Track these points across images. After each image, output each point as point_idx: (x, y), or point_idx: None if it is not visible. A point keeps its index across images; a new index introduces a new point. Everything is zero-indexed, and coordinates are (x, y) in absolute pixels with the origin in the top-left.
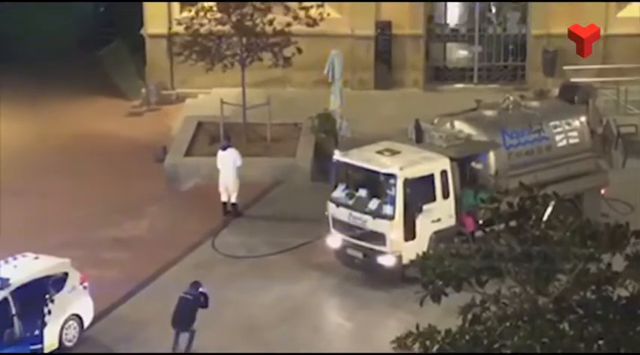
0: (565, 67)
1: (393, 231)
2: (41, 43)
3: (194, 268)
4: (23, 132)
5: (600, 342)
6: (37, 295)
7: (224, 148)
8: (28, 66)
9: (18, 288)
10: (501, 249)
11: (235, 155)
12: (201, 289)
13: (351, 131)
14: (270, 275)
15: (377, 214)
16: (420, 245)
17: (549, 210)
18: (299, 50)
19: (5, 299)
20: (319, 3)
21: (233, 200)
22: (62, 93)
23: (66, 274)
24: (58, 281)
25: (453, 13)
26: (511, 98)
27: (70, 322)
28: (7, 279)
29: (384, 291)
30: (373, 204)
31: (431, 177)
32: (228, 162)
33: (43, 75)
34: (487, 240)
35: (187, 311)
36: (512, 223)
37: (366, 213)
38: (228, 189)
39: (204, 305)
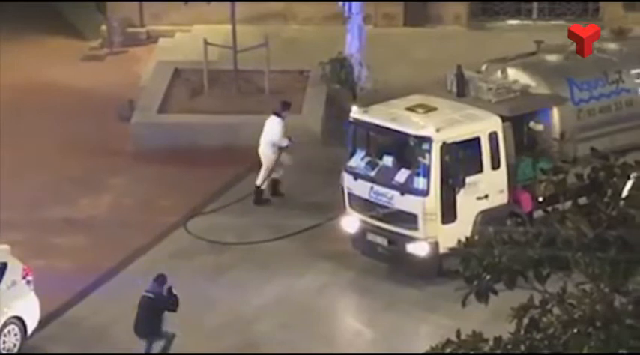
0: None
1: (427, 210)
2: None
3: (169, 258)
4: None
5: None
6: None
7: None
8: None
9: None
10: (567, 234)
11: (275, 128)
12: (168, 286)
13: (373, 81)
14: (267, 268)
15: (406, 189)
16: (461, 228)
17: (630, 183)
18: None
19: None
20: None
21: (258, 182)
22: None
23: (4, 265)
24: None
25: None
26: None
27: (10, 326)
28: None
29: (414, 288)
30: (401, 175)
31: (476, 141)
32: (265, 133)
33: None
34: (549, 222)
35: (150, 315)
36: (582, 200)
37: (392, 187)
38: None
39: (172, 309)
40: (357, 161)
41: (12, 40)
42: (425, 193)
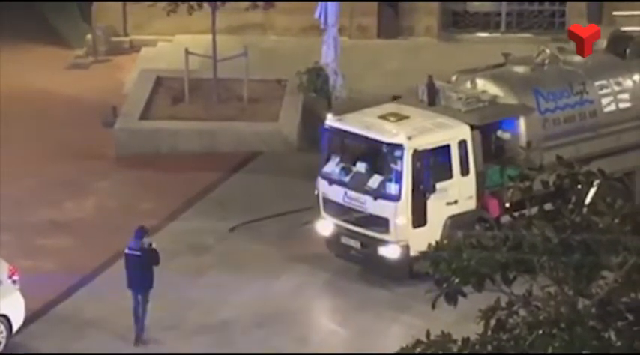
0: (615, 13)
1: (399, 215)
2: None
3: None
4: None
5: None
6: None
7: None
8: None
9: None
10: (533, 239)
11: None
12: (149, 243)
13: (347, 90)
14: (244, 270)
15: (379, 194)
16: (431, 233)
17: (593, 190)
18: None
19: None
20: None
21: None
22: None
23: None
24: None
25: None
26: (547, 51)
27: None
28: None
29: (386, 290)
30: (374, 181)
31: (446, 148)
32: None
33: None
34: (516, 227)
35: (142, 271)
36: (548, 207)
37: (365, 192)
38: None
39: (156, 263)
40: (332, 167)
41: None
42: (397, 198)
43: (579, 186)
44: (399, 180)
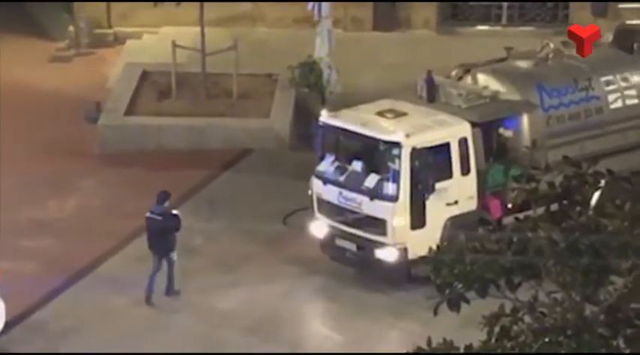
0: (621, 5)
1: (396, 216)
2: None
3: (137, 261)
4: None
5: None
6: None
7: None
8: None
9: None
10: (539, 243)
11: None
12: (173, 211)
13: (342, 85)
14: (235, 272)
15: (375, 194)
16: (430, 235)
17: (601, 191)
18: None
19: None
20: None
21: None
22: None
23: None
24: None
25: None
26: (551, 45)
27: None
28: None
29: (384, 294)
30: (371, 181)
31: (446, 146)
32: None
33: None
34: (520, 229)
35: (163, 235)
36: (553, 207)
37: (361, 192)
38: None
39: (177, 228)
40: (326, 166)
41: None
42: (394, 199)
43: (586, 187)
44: (396, 179)
